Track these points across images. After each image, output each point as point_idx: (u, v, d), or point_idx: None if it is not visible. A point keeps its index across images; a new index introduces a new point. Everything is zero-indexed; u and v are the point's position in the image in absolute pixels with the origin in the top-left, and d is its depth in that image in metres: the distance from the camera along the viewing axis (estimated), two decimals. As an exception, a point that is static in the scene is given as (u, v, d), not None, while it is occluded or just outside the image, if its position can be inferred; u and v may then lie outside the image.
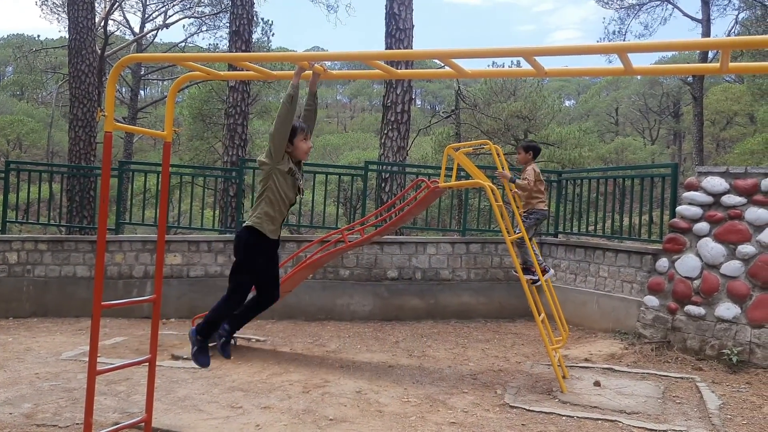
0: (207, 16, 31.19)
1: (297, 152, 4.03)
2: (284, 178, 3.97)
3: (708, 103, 30.27)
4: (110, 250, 9.04)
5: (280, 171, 3.94)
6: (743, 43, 2.80)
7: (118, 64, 3.67)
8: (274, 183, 3.95)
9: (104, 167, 3.74)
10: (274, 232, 4.05)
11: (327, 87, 69.43)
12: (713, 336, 6.63)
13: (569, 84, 58.71)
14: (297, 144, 4.00)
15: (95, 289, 3.85)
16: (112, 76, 3.66)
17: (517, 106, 21.73)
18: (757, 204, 6.58)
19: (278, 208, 4.00)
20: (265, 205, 3.98)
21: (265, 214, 3.98)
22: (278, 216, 4.03)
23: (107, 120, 3.67)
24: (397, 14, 10.54)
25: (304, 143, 4.05)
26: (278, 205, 3.99)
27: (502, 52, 2.80)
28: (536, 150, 7.01)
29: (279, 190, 3.96)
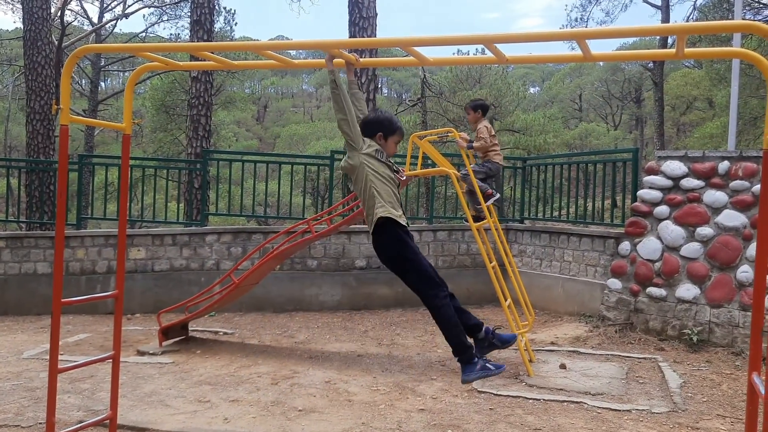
0: (167, 6, 30.57)
1: (387, 150, 3.86)
2: (377, 160, 3.73)
3: (668, 88, 30.84)
4: (71, 245, 8.87)
5: (367, 155, 3.69)
6: (698, 28, 2.85)
7: (72, 56, 3.58)
8: (369, 169, 3.68)
9: (61, 161, 3.64)
10: (401, 217, 3.75)
11: (292, 77, 68.84)
12: (674, 316, 6.80)
13: (534, 71, 59.20)
14: (390, 143, 3.87)
15: (54, 286, 3.77)
16: (66, 68, 3.57)
17: (482, 94, 21.83)
18: (714, 187, 6.74)
19: (390, 191, 3.73)
20: (377, 194, 3.69)
21: (385, 202, 3.69)
22: (395, 199, 3.77)
23: (63, 113, 3.57)
24: (361, 3, 10.48)
25: (394, 147, 3.91)
26: (387, 187, 3.72)
27: (463, 39, 2.80)
28: (485, 107, 6.97)
29: (377, 173, 3.69)
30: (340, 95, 3.58)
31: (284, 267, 8.85)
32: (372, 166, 3.68)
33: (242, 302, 8.49)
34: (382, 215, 3.65)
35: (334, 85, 3.59)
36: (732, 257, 6.50)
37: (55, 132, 15.06)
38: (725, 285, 6.51)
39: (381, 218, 3.66)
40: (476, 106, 6.86)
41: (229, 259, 8.86)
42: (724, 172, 6.70)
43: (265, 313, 8.74)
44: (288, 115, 60.45)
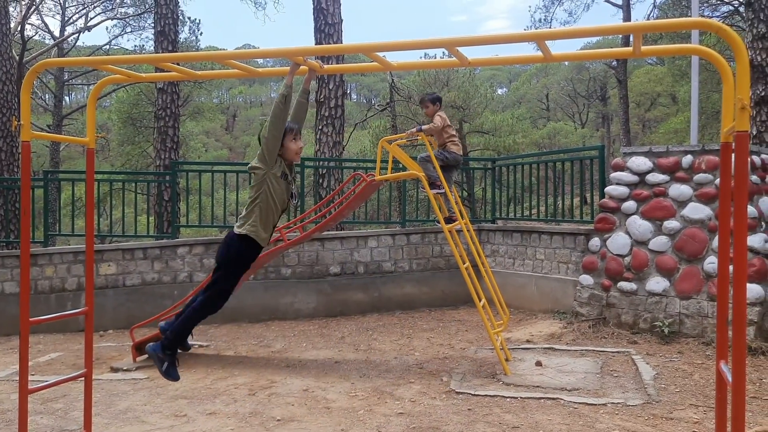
0: (131, 17, 30.22)
1: (287, 153, 3.88)
2: (278, 183, 3.84)
3: (632, 85, 31.42)
4: (40, 263, 8.71)
5: (274, 176, 3.81)
6: (654, 26, 2.92)
7: (32, 70, 3.53)
8: (268, 188, 3.82)
9: (24, 178, 3.58)
10: (266, 240, 3.94)
11: (260, 85, 68.52)
12: (645, 310, 6.91)
13: (500, 72, 59.78)
14: (287, 145, 3.86)
15: (21, 305, 3.70)
16: (26, 83, 3.51)
17: (450, 96, 21.99)
18: (679, 181, 6.88)
19: (272, 215, 3.89)
20: (258, 212, 3.85)
21: (259, 221, 3.85)
22: (271, 223, 3.92)
23: (23, 128, 3.52)
24: (325, 9, 10.49)
25: (294, 143, 3.89)
26: (272, 211, 3.87)
27: (425, 44, 2.82)
28: (439, 99, 7.09)
29: (273, 195, 3.83)
30: (285, 113, 3.70)
31: (258, 276, 8.79)
32: (272, 188, 3.83)
33: (217, 314, 8.38)
34: (249, 234, 3.86)
35: (284, 100, 3.67)
36: (698, 249, 6.63)
37: (19, 149, 14.78)
38: (693, 277, 6.64)
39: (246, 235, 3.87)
40: (433, 99, 6.92)
41: (202, 271, 8.77)
42: (688, 165, 6.84)
43: (240, 323, 8.67)
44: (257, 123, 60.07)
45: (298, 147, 3.93)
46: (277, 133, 3.74)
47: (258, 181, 3.85)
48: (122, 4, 29.20)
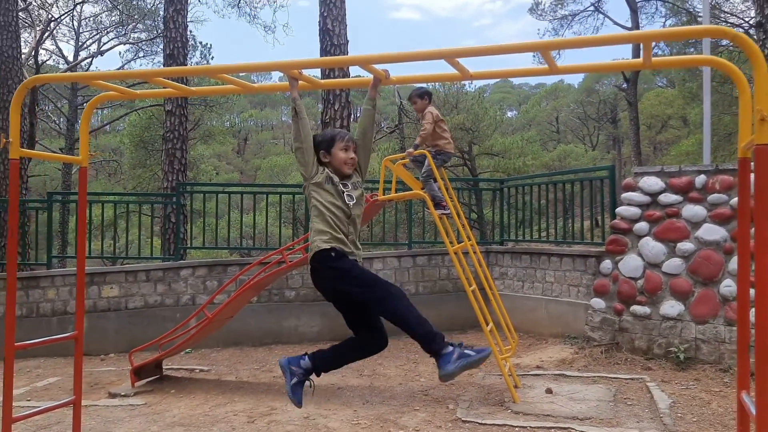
0: (143, 42, 30.53)
1: (334, 161, 3.48)
2: (323, 190, 3.42)
3: (643, 108, 31.28)
4: (42, 286, 8.63)
5: (316, 184, 3.42)
6: (664, 34, 2.78)
7: (22, 86, 3.44)
8: (316, 198, 3.42)
9: (11, 197, 3.47)
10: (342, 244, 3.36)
11: (272, 108, 69.02)
12: (660, 334, 6.68)
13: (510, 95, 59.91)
14: (334, 153, 3.47)
15: (7, 329, 3.58)
16: (15, 99, 3.42)
17: (460, 119, 21.92)
18: (692, 201, 6.68)
19: (333, 221, 3.37)
20: (316, 225, 3.42)
21: (320, 232, 3.36)
22: (337, 229, 3.37)
23: (12, 146, 3.42)
24: (331, 30, 10.46)
25: (343, 153, 3.47)
26: (330, 218, 3.37)
27: (423, 55, 2.70)
28: (429, 93, 6.86)
29: (323, 202, 3.40)
30: (300, 123, 3.42)
31: (261, 299, 8.64)
32: (319, 198, 3.42)
33: (219, 337, 8.26)
34: (315, 250, 3.37)
35: (294, 113, 3.44)
36: (714, 272, 6.41)
37: (29, 171, 14.81)
38: (709, 300, 6.41)
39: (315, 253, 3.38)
40: (422, 94, 6.67)
41: (205, 293, 8.63)
42: (701, 185, 6.65)
43: (243, 347, 8.50)
44: (268, 147, 60.44)
45: (348, 157, 3.48)
46: (300, 144, 3.40)
47: (307, 197, 3.55)
48: (135, 29, 29.54)
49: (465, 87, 24.48)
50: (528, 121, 48.21)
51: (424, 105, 6.59)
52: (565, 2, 24.76)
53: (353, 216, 3.45)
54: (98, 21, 28.77)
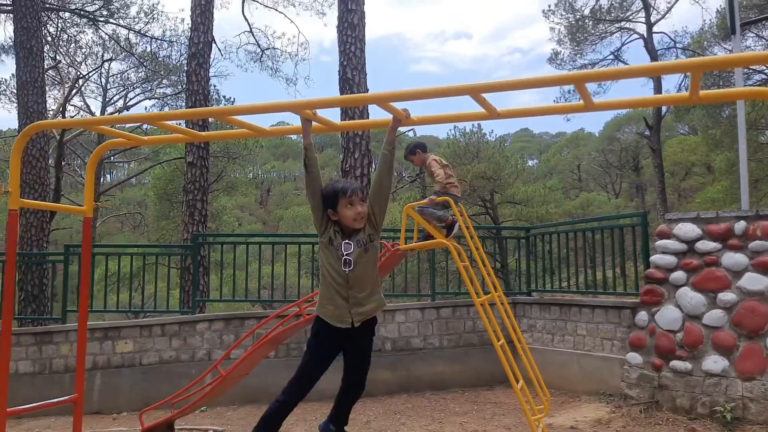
0: (169, 97, 31.12)
1: (345, 221, 3.35)
2: (327, 251, 3.37)
3: (666, 155, 30.92)
4: (56, 341, 8.43)
5: (323, 245, 3.40)
6: (714, 63, 2.55)
7: (22, 134, 3.28)
8: (323, 259, 3.41)
9: (9, 250, 3.28)
10: (340, 318, 3.39)
11: (294, 159, 69.74)
12: (703, 392, 6.22)
13: (531, 144, 59.93)
14: (341, 212, 3.33)
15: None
16: (15, 150, 3.26)
17: (481, 168, 21.79)
18: (733, 249, 6.31)
19: (333, 287, 3.36)
20: (322, 288, 3.45)
21: (323, 298, 3.42)
22: (337, 296, 3.36)
23: (11, 197, 3.24)
24: (351, 79, 10.43)
25: (348, 210, 3.31)
26: (331, 284, 3.37)
27: (445, 91, 2.48)
28: (421, 144, 6.63)
29: (325, 265, 3.38)
30: (308, 178, 3.31)
31: (279, 353, 8.31)
32: (323, 259, 3.41)
33: (235, 394, 7.91)
34: (315, 312, 3.53)
35: (308, 161, 3.26)
36: (760, 324, 5.99)
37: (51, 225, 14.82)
38: (756, 355, 5.97)
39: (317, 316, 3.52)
40: (415, 147, 6.49)
41: (222, 348, 8.34)
42: (741, 232, 6.29)
43: (260, 405, 8.12)
44: (291, 197, 60.80)
45: (355, 213, 3.32)
46: (313, 201, 3.34)
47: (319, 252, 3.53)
48: (160, 85, 30.17)
49: (486, 136, 24.43)
50: (549, 170, 48.02)
51: (422, 158, 6.43)
52: (585, 52, 24.78)
53: (352, 279, 3.39)
54: (125, 77, 29.43)
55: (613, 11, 24.31)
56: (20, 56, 13.03)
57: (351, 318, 3.39)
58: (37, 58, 13.20)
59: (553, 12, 24.82)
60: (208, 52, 13.43)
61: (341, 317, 3.39)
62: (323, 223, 3.38)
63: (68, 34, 23.87)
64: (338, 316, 3.39)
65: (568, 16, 24.59)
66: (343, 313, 3.39)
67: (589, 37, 24.58)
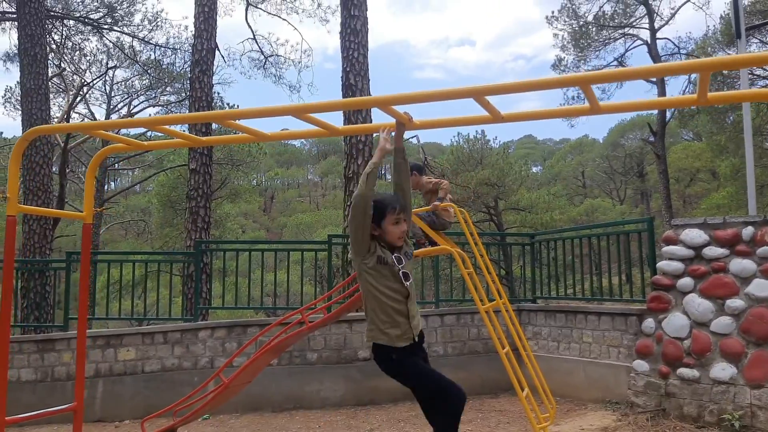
0: (173, 104, 31.16)
1: (388, 237, 3.21)
2: (378, 272, 3.17)
3: (670, 161, 30.81)
4: (57, 348, 8.39)
5: (369, 267, 3.17)
6: (722, 63, 2.51)
7: (21, 139, 3.25)
8: (368, 283, 3.18)
9: (6, 257, 3.24)
10: (402, 337, 3.21)
11: (297, 167, 69.88)
12: (711, 400, 6.13)
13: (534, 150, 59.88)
14: (386, 228, 3.19)
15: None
16: (14, 154, 3.22)
17: (485, 174, 21.74)
18: (740, 255, 6.23)
19: (390, 308, 3.17)
20: (373, 314, 3.21)
21: (381, 323, 3.19)
22: (395, 316, 3.18)
23: (10, 202, 3.20)
24: (354, 85, 10.40)
25: (396, 227, 3.19)
26: (387, 305, 3.17)
27: (447, 94, 2.43)
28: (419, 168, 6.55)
29: (377, 288, 3.17)
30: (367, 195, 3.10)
31: (282, 361, 8.26)
32: (372, 281, 3.18)
33: (237, 402, 7.85)
34: (376, 342, 3.25)
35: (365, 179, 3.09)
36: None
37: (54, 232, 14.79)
38: (764, 362, 5.88)
39: (376, 344, 3.27)
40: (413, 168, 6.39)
41: (224, 355, 8.28)
42: (749, 238, 6.21)
43: (263, 413, 8.07)
44: (294, 204, 60.92)
45: (400, 231, 3.21)
46: (364, 219, 3.11)
47: (357, 274, 3.26)
48: (164, 92, 30.24)
49: (489, 143, 24.40)
50: (553, 176, 47.95)
51: (417, 179, 6.32)
52: (588, 58, 24.75)
53: (411, 293, 3.23)
54: (129, 85, 29.51)
55: (616, 17, 24.30)
56: (24, 64, 13.05)
57: (412, 333, 3.25)
58: (41, 66, 13.22)
59: (557, 18, 24.83)
60: (212, 60, 13.43)
61: (405, 335, 3.22)
62: (367, 244, 3.17)
63: (72, 41, 23.96)
64: (403, 335, 3.21)
65: (572, 23, 24.58)
66: (406, 331, 3.22)
67: (592, 44, 24.56)
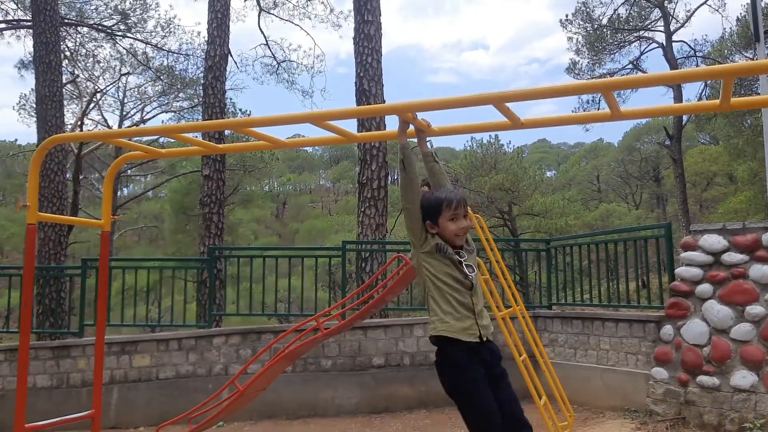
0: (185, 110, 31.32)
1: (445, 235, 2.99)
2: (436, 260, 2.97)
3: (687, 165, 30.56)
4: (73, 355, 8.42)
5: (427, 254, 2.97)
6: (746, 69, 2.45)
7: (41, 147, 3.26)
8: (428, 271, 2.97)
9: (26, 264, 3.24)
10: (468, 331, 2.92)
11: (309, 172, 70.01)
12: (732, 408, 6.03)
13: (549, 155, 59.60)
14: (442, 224, 2.97)
15: (17, 408, 3.29)
16: (33, 164, 3.23)
17: (498, 179, 21.64)
18: (761, 261, 6.14)
19: (453, 298, 2.93)
20: (434, 303, 2.96)
21: (442, 313, 2.93)
22: (461, 308, 2.93)
23: (29, 211, 3.21)
24: (368, 90, 10.39)
25: (452, 224, 2.97)
26: (450, 294, 2.93)
27: (466, 101, 2.41)
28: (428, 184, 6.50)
29: (437, 276, 2.95)
30: (410, 180, 2.95)
31: (296, 368, 8.23)
32: (431, 269, 2.97)
33: (252, 409, 7.83)
34: (438, 334, 2.94)
35: (402, 166, 2.95)
36: (791, 338, 5.81)
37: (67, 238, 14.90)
38: (787, 370, 5.78)
39: (437, 336, 2.96)
40: None
41: (238, 363, 8.27)
42: (769, 243, 6.12)
43: (277, 420, 8.05)
44: (307, 210, 60.98)
45: (459, 227, 2.98)
46: (410, 205, 2.96)
47: (417, 268, 3.05)
48: (177, 98, 30.43)
49: (503, 147, 24.31)
50: (568, 181, 47.65)
51: None
52: (603, 61, 24.61)
53: (476, 286, 3.00)
54: (142, 91, 29.73)
55: (631, 20, 24.15)
56: (39, 71, 13.17)
57: (478, 330, 2.94)
58: (56, 73, 13.33)
59: (571, 22, 24.72)
60: (225, 65, 13.48)
61: (470, 329, 2.93)
62: (422, 232, 3.00)
63: (86, 48, 24.19)
64: (466, 329, 2.92)
65: (586, 26, 24.47)
66: (471, 325, 2.93)
67: (607, 47, 24.42)
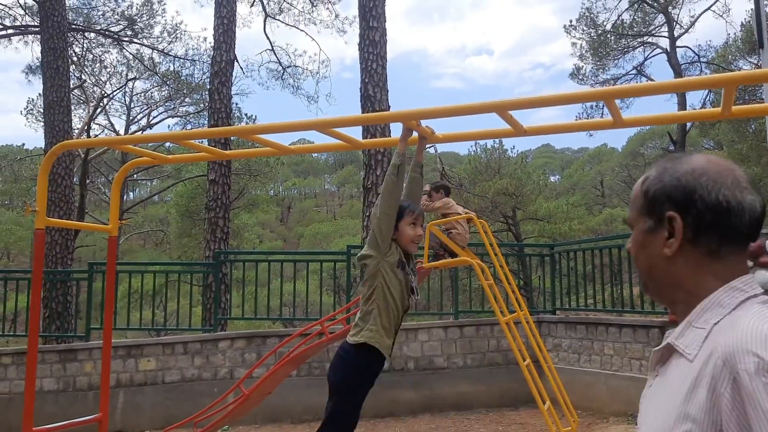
0: (191, 115, 31.44)
1: (402, 240, 3.12)
2: (395, 274, 3.07)
3: (691, 170, 30.46)
4: (79, 359, 8.47)
5: (389, 265, 3.05)
6: (749, 77, 2.47)
7: (50, 153, 3.30)
8: (383, 281, 3.05)
9: (35, 269, 3.28)
10: (389, 349, 3.12)
11: (314, 177, 70.12)
12: (736, 414, 6.02)
13: (553, 160, 59.57)
14: (402, 229, 3.11)
15: (25, 412, 3.34)
16: (42, 169, 3.27)
17: (502, 184, 21.66)
18: (764, 267, 6.14)
19: (393, 315, 3.08)
20: (377, 312, 3.06)
21: (379, 324, 3.04)
22: (393, 325, 3.11)
23: (38, 216, 3.25)
24: (373, 96, 10.44)
25: (412, 229, 3.12)
26: (392, 310, 3.07)
27: (470, 108, 2.44)
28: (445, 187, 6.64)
29: (390, 290, 3.06)
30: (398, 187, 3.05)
31: (301, 372, 8.26)
32: (387, 282, 3.05)
33: (257, 413, 7.87)
34: (368, 341, 3.06)
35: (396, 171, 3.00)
36: (795, 344, 5.80)
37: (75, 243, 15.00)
38: (791, 376, 5.78)
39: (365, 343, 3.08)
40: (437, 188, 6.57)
41: (244, 366, 8.30)
42: (774, 249, 6.12)
43: (282, 425, 8.08)
44: (311, 214, 61.05)
45: (416, 234, 3.15)
46: (391, 211, 3.02)
47: (370, 273, 3.09)
48: (183, 103, 30.55)
49: (507, 152, 24.33)
50: (572, 185, 47.65)
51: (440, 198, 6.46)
52: (607, 67, 24.63)
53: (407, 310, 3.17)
54: (148, 96, 29.88)
55: (635, 26, 24.17)
56: (47, 76, 13.28)
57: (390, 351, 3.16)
58: (63, 78, 13.43)
59: (575, 27, 24.74)
60: (231, 71, 13.56)
61: (389, 348, 3.13)
62: (390, 241, 3.09)
63: (93, 54, 24.35)
64: (388, 347, 3.11)
65: (590, 31, 24.49)
66: (391, 344, 3.13)
67: (611, 52, 24.43)
